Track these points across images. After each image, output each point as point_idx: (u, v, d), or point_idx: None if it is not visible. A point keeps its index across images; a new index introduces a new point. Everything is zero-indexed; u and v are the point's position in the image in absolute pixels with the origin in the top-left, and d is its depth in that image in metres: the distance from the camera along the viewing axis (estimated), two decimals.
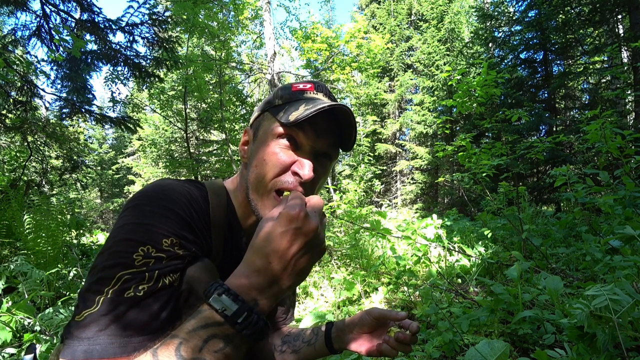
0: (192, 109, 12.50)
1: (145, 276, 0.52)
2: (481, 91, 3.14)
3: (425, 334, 1.81)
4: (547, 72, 8.39)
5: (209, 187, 0.72)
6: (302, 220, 0.49)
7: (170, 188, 0.62)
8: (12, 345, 1.77)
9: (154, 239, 0.54)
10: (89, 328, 0.48)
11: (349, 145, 0.71)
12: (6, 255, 3.48)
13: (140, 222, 0.56)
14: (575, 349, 1.16)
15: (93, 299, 0.49)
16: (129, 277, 0.51)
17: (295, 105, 0.66)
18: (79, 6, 4.69)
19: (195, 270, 0.59)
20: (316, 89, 0.72)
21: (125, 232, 0.55)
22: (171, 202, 0.59)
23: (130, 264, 0.52)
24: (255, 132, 0.72)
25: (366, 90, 13.69)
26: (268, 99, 0.73)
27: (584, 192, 2.53)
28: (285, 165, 0.65)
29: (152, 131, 13.76)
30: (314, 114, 0.61)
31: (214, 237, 0.68)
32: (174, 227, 0.57)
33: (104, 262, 0.53)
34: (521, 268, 1.93)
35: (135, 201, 0.59)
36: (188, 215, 0.61)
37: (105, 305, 0.49)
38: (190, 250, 0.59)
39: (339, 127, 0.68)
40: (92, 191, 20.26)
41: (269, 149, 0.66)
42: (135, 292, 0.51)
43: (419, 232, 4.08)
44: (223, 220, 0.71)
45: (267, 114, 0.70)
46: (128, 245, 0.53)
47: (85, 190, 8.13)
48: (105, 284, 0.50)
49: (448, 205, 12.32)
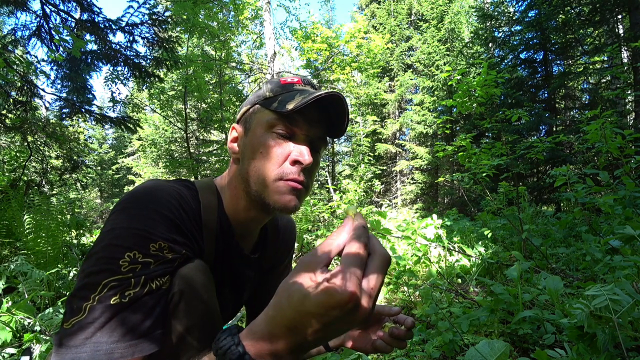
0: (192, 109, 12.49)
1: (132, 282, 0.52)
2: (481, 91, 3.14)
3: (425, 334, 1.81)
4: (547, 72, 8.38)
5: (199, 186, 0.72)
6: (351, 308, 0.38)
7: (159, 189, 0.62)
8: (12, 345, 1.77)
9: (141, 244, 0.54)
10: (76, 336, 0.48)
11: (341, 132, 0.71)
12: (6, 255, 3.48)
13: (127, 226, 0.55)
14: (575, 349, 1.16)
15: (80, 306, 0.50)
16: (115, 284, 0.51)
17: (288, 96, 0.66)
18: (79, 6, 4.69)
19: (189, 271, 0.59)
20: (304, 83, 0.72)
21: (112, 237, 0.54)
22: (159, 205, 0.59)
23: (117, 270, 0.52)
24: (246, 125, 0.71)
25: (366, 90, 13.69)
26: (257, 93, 0.73)
27: (584, 192, 2.53)
28: (284, 155, 0.65)
29: (152, 131, 13.75)
30: (310, 103, 0.61)
31: (205, 237, 0.68)
32: (162, 230, 0.57)
33: (90, 268, 0.52)
34: (521, 268, 1.93)
35: (123, 204, 0.58)
36: (177, 217, 0.60)
37: (92, 313, 0.49)
38: (180, 253, 0.59)
39: (328, 117, 0.69)
40: (92, 191, 20.24)
41: (264, 140, 0.66)
42: (121, 299, 0.51)
43: (419, 232, 4.08)
44: (215, 220, 0.70)
45: (257, 107, 0.70)
46: (114, 250, 0.53)
47: (85, 190, 8.13)
48: (92, 290, 0.50)
49: (448, 205, 12.32)
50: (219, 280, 0.73)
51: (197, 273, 0.60)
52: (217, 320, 0.63)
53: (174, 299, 0.57)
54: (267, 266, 0.91)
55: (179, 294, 0.57)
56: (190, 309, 0.57)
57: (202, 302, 0.59)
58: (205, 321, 0.60)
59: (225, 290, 0.79)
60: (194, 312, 0.58)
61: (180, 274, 0.58)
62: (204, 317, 0.59)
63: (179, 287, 0.57)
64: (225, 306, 0.83)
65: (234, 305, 0.87)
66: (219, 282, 0.74)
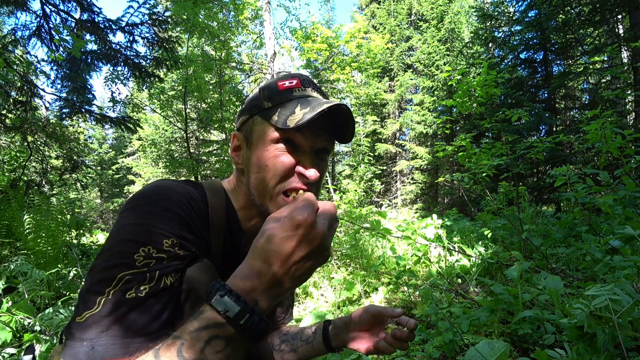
0: (192, 109, 12.49)
1: (147, 277, 0.52)
2: (481, 91, 3.14)
3: (425, 334, 1.81)
4: (547, 72, 8.39)
5: (207, 187, 0.72)
6: (309, 227, 0.47)
7: (169, 188, 0.62)
8: (12, 345, 1.77)
9: (154, 240, 0.54)
10: (90, 329, 0.48)
11: (348, 139, 0.70)
12: (6, 255, 3.48)
13: (140, 222, 0.56)
14: (575, 349, 1.16)
15: (94, 300, 0.49)
16: (130, 278, 0.51)
17: (288, 107, 0.64)
18: (79, 6, 4.69)
19: (195, 271, 0.59)
20: (303, 84, 0.69)
21: (126, 233, 0.55)
22: (170, 203, 0.59)
23: (132, 264, 0.52)
24: (247, 137, 0.70)
25: (366, 90, 13.69)
26: (254, 102, 0.69)
27: (584, 192, 2.53)
28: (288, 169, 0.64)
29: (152, 131, 13.76)
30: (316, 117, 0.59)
31: (212, 237, 0.68)
32: (174, 227, 0.57)
33: (105, 263, 0.53)
34: (521, 268, 1.93)
35: (135, 202, 0.59)
36: (187, 215, 0.60)
37: (107, 306, 0.49)
38: (190, 251, 0.59)
39: (333, 123, 0.67)
40: (92, 191, 20.25)
41: (268, 153, 0.65)
42: (137, 293, 0.51)
43: (419, 232, 4.08)
44: (222, 221, 0.70)
45: (257, 118, 0.68)
46: (129, 245, 0.53)
47: (85, 190, 8.13)
48: (107, 285, 0.50)
49: (448, 205, 12.32)
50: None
51: (203, 273, 0.60)
52: None
53: (181, 297, 0.57)
54: None
55: (185, 293, 0.57)
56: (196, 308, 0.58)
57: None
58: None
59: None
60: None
61: (187, 273, 0.58)
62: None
63: (185, 285, 0.58)
64: None
65: None
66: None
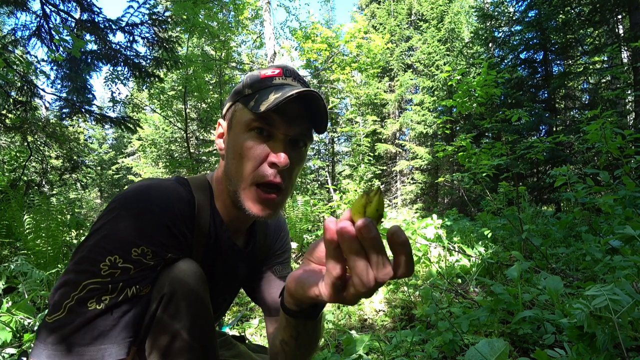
0: (192, 109, 12.49)
1: (109, 288, 0.54)
2: (481, 91, 3.14)
3: (425, 334, 1.81)
4: (547, 72, 8.38)
5: (192, 183, 0.72)
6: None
7: (152, 188, 0.62)
8: (12, 345, 1.77)
9: (123, 248, 0.55)
10: (54, 334, 0.52)
11: (322, 129, 0.69)
12: (6, 255, 3.48)
13: (112, 227, 0.57)
14: (575, 349, 1.16)
15: (60, 304, 0.53)
16: (94, 287, 0.54)
17: (264, 93, 0.65)
18: (79, 6, 4.68)
19: (179, 272, 0.59)
20: (284, 74, 0.69)
21: (98, 238, 0.56)
22: (149, 206, 0.59)
23: (97, 273, 0.54)
24: (229, 123, 0.71)
25: (366, 90, 13.68)
26: (238, 88, 0.71)
27: (584, 192, 2.53)
28: (261, 158, 0.65)
29: (152, 131, 13.75)
30: (283, 102, 0.60)
31: (196, 235, 0.68)
32: (147, 234, 0.57)
33: (74, 266, 0.55)
34: (521, 268, 1.93)
35: (113, 204, 0.60)
36: (167, 217, 0.61)
37: (69, 313, 0.53)
38: (164, 258, 0.59)
39: (310, 112, 0.67)
40: (92, 191, 20.24)
41: (243, 141, 0.65)
42: (97, 304, 0.53)
43: (419, 232, 4.08)
44: (207, 217, 0.71)
45: (238, 105, 0.69)
46: (97, 252, 0.55)
47: (85, 190, 8.12)
48: (73, 289, 0.54)
49: (448, 205, 12.32)
50: (212, 277, 0.74)
51: (188, 273, 0.60)
52: (211, 318, 0.64)
53: (164, 300, 0.58)
54: (262, 255, 0.90)
55: (169, 295, 0.58)
56: (182, 309, 0.58)
57: (194, 302, 0.60)
58: (199, 320, 0.60)
59: (218, 285, 0.79)
60: (186, 312, 0.58)
61: (170, 275, 0.59)
62: (198, 316, 0.60)
63: (170, 287, 0.58)
64: (220, 300, 0.84)
65: (228, 298, 0.87)
66: (213, 279, 0.75)
